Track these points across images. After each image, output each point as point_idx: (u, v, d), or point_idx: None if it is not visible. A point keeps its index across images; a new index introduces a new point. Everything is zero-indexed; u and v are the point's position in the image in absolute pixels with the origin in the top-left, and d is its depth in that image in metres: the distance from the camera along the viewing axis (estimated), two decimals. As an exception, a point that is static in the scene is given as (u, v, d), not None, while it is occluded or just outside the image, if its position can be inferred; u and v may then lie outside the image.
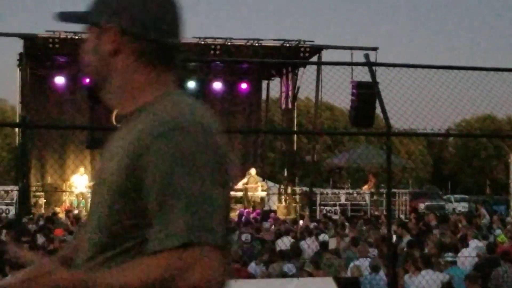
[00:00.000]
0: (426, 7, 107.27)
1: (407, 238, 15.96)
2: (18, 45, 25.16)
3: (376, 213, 25.22)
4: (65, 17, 2.55)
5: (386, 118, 10.79)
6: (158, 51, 2.43)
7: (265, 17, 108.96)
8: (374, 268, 11.94)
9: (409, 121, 11.64)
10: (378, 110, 11.69)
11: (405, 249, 14.30)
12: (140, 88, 2.43)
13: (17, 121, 26.84)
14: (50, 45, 25.08)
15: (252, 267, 12.51)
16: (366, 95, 11.86)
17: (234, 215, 24.56)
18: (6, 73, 63.98)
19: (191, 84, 29.02)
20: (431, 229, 18.52)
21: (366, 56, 11.62)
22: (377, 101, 11.40)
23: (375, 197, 27.25)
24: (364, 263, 12.51)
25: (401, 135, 10.89)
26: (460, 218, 22.23)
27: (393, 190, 24.60)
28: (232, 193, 19.69)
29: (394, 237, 15.06)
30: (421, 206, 33.43)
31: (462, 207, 37.59)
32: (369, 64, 11.50)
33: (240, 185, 27.56)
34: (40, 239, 15.50)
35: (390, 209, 11.07)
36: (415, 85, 12.05)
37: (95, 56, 2.46)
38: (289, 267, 12.04)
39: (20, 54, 25.58)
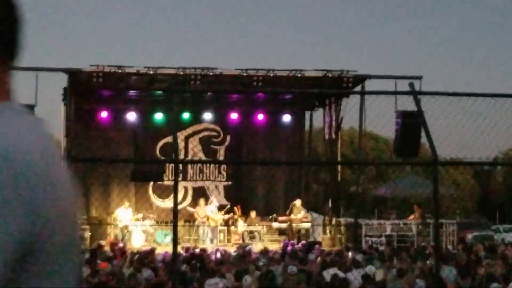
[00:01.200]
0: (469, 35, 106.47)
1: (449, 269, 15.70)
2: (62, 80, 25.38)
3: (423, 243, 24.88)
4: None
5: (432, 147, 10.59)
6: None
7: (307, 47, 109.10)
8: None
9: (455, 150, 11.45)
10: (422, 140, 11.52)
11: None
12: None
13: (62, 155, 27.04)
14: (94, 80, 25.24)
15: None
16: (411, 124, 11.71)
17: (278, 246, 24.42)
18: (51, 108, 64.60)
19: (235, 117, 29.26)
20: (479, 260, 18.17)
21: (411, 85, 11.45)
22: (422, 131, 11.23)
23: (420, 227, 26.87)
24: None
25: (448, 164, 10.66)
26: (509, 249, 21.81)
27: (440, 220, 24.26)
28: (276, 224, 19.71)
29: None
30: (469, 236, 32.90)
31: (511, 237, 36.94)
32: (414, 93, 11.33)
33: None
34: (85, 272, 15.47)
35: (438, 240, 10.87)
36: (461, 114, 11.86)
37: None
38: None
39: (65, 89, 25.78)
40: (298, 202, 27.83)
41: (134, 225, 26.76)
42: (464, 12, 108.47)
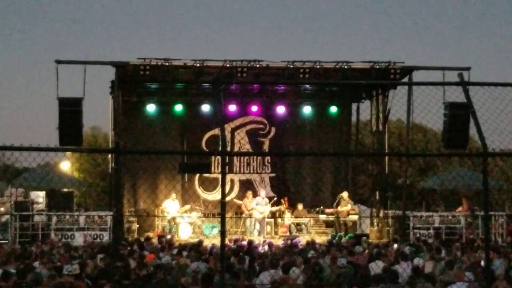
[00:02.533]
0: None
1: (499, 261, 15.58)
2: (110, 73, 25.54)
3: (472, 236, 24.66)
4: None
5: (482, 138, 10.46)
6: None
7: (354, 39, 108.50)
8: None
9: (506, 141, 11.28)
10: (471, 131, 11.39)
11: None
12: None
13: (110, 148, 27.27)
14: (141, 72, 25.34)
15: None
16: (460, 116, 11.59)
17: (325, 239, 24.37)
18: (99, 101, 65.16)
19: (281, 110, 29.23)
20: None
21: (460, 75, 11.28)
22: (471, 122, 11.09)
23: (468, 220, 26.61)
24: (461, 288, 12.20)
25: (498, 155, 10.50)
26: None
27: (489, 212, 23.95)
28: (323, 217, 19.62)
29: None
30: (519, 229, 32.47)
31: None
32: (463, 84, 11.17)
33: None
34: (133, 264, 15.60)
35: (488, 233, 10.74)
36: (511, 104, 11.68)
37: None
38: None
39: (112, 82, 25.96)
40: (345, 194, 27.74)
41: (181, 217, 26.91)
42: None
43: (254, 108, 29.57)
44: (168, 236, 24.32)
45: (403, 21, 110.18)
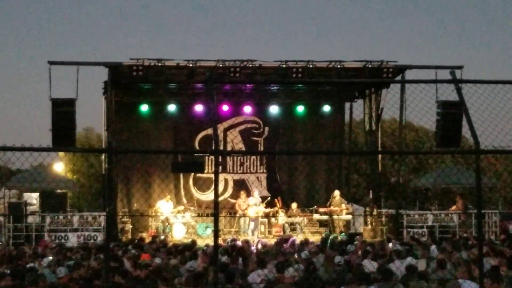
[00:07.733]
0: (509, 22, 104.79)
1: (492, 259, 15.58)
2: (103, 74, 25.51)
3: (465, 234, 24.67)
4: None
5: (474, 136, 10.45)
6: None
7: (347, 39, 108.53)
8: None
9: (498, 139, 11.27)
10: (463, 130, 11.37)
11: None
12: None
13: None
14: (134, 73, 25.32)
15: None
16: (452, 114, 11.56)
17: (318, 238, 24.39)
18: (92, 102, 65.19)
19: (274, 109, 29.18)
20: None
21: (452, 73, 11.26)
22: (464, 120, 11.07)
23: (462, 218, 26.63)
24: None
25: (491, 152, 10.47)
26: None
27: (483, 210, 23.95)
28: (317, 216, 19.54)
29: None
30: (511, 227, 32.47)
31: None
32: (455, 82, 11.16)
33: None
34: (127, 264, 15.52)
35: (481, 231, 10.72)
36: (503, 102, 11.68)
37: None
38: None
39: (105, 83, 25.92)
40: (336, 193, 27.69)
41: (175, 218, 26.89)
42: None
43: (247, 108, 29.56)
44: (162, 237, 24.29)
45: (396, 21, 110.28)
